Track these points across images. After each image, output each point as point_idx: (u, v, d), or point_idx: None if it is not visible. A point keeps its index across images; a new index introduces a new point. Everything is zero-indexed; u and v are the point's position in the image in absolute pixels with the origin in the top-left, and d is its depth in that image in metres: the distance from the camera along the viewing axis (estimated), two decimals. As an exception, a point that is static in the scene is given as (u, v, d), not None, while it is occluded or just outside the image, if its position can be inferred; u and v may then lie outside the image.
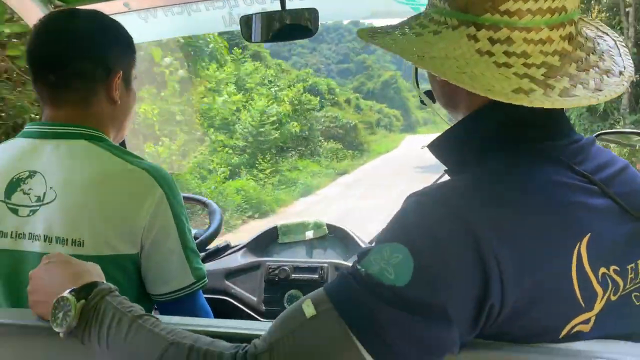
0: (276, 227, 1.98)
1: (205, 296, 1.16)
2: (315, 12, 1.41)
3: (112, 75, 1.12)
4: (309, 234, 1.93)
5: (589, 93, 0.69)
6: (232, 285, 1.80)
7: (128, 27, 1.18)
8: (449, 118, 0.88)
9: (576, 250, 0.67)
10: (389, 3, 1.64)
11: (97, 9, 1.18)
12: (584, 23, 0.80)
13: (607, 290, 0.69)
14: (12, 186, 1.04)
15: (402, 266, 0.63)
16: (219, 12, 1.67)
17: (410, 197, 0.70)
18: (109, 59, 1.12)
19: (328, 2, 1.59)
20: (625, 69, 0.75)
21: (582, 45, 0.73)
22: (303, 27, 1.43)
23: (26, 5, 1.47)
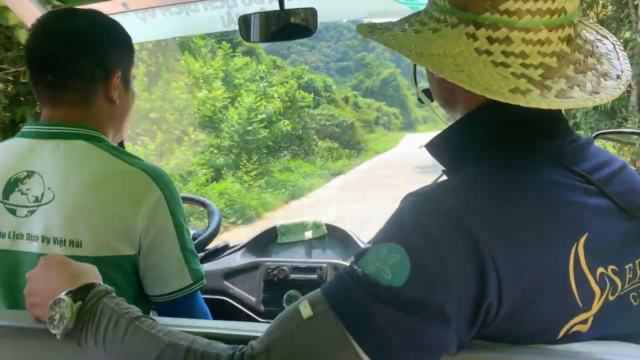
0: (275, 227, 1.98)
1: (204, 296, 1.16)
2: (314, 12, 1.41)
3: (110, 75, 1.11)
4: (308, 234, 1.93)
5: (585, 95, 0.69)
6: (231, 286, 1.80)
7: (126, 27, 1.18)
8: (447, 117, 0.88)
9: (573, 250, 0.66)
10: (387, 2, 1.64)
11: (95, 8, 1.18)
12: (583, 26, 0.80)
13: (605, 290, 0.69)
14: (10, 186, 1.03)
15: (399, 266, 0.62)
16: (218, 12, 1.68)
17: (407, 197, 0.70)
18: (107, 58, 1.11)
19: (327, 2, 1.59)
20: (623, 73, 0.75)
21: (580, 48, 0.73)
22: (302, 26, 1.43)
23: (24, 5, 1.46)
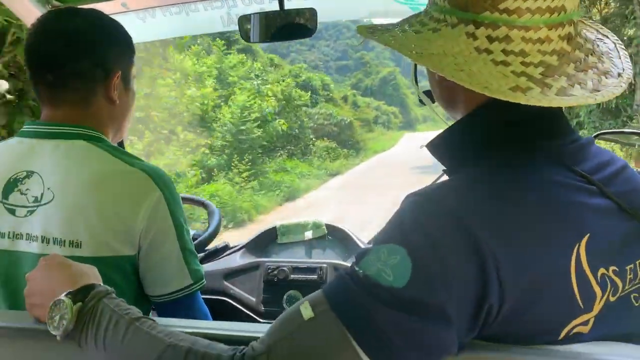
0: (275, 227, 1.98)
1: (204, 297, 1.16)
2: (314, 12, 1.41)
3: (110, 75, 1.11)
4: (308, 235, 1.93)
5: (586, 93, 0.69)
6: (231, 286, 1.80)
7: (126, 27, 1.17)
8: (448, 117, 0.88)
9: (575, 250, 0.66)
10: (387, 2, 1.64)
11: (94, 8, 1.18)
12: (584, 25, 0.80)
13: (606, 291, 0.69)
14: (10, 186, 1.03)
15: (400, 267, 0.62)
16: (218, 12, 1.67)
17: (408, 197, 0.70)
18: (107, 58, 1.11)
19: (326, 2, 1.59)
20: (624, 71, 0.74)
21: (581, 46, 0.73)
22: (302, 26, 1.43)
23: (24, 4, 1.46)
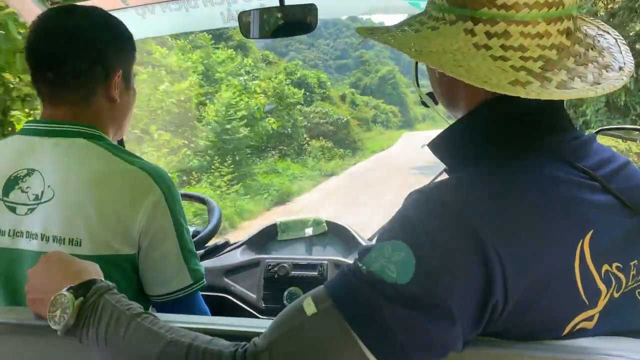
0: (275, 224, 1.98)
1: (204, 294, 1.15)
2: (314, 8, 1.41)
3: (111, 73, 1.10)
4: (309, 231, 1.93)
5: (587, 86, 0.69)
6: (231, 283, 1.80)
7: (125, 24, 1.17)
8: (449, 117, 0.88)
9: (579, 246, 0.66)
10: (387, -2, 1.64)
11: (93, 5, 1.17)
12: (584, 22, 0.80)
13: (610, 287, 0.69)
14: (10, 184, 1.03)
15: (404, 264, 0.62)
16: (217, 8, 1.67)
17: (411, 194, 0.70)
18: (108, 57, 1.10)
19: (326, -2, 1.59)
20: (625, 65, 0.74)
21: (580, 41, 0.73)
22: (302, 23, 1.43)
23: (24, 3, 1.45)
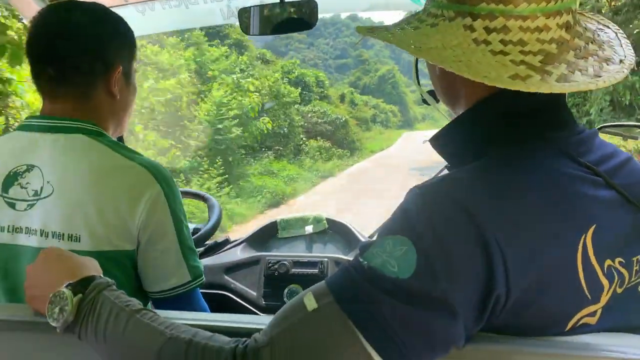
0: (276, 221, 1.98)
1: (204, 291, 1.15)
2: (314, 4, 1.41)
3: (111, 69, 1.10)
4: (309, 229, 1.93)
5: (587, 79, 0.68)
6: (231, 280, 1.80)
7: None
8: (451, 115, 0.88)
9: (582, 241, 0.66)
10: (388, -5, 1.63)
11: (95, 1, 1.16)
12: (584, 17, 0.80)
13: (613, 282, 0.68)
14: (10, 180, 1.02)
15: (405, 258, 0.62)
16: (217, 4, 1.66)
17: (412, 189, 0.70)
18: (108, 52, 1.10)
19: (326, -6, 1.58)
20: (625, 57, 0.74)
21: (580, 35, 0.73)
22: (302, 19, 1.43)
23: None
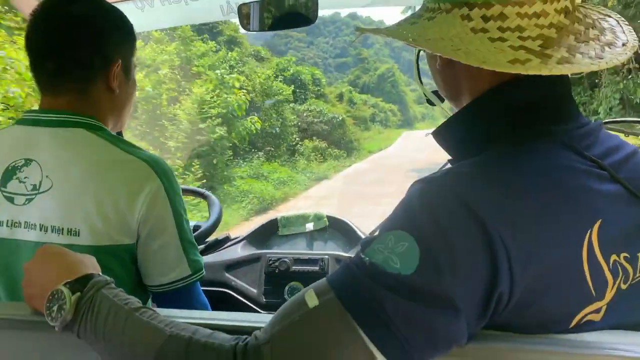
0: (276, 219, 1.98)
1: (205, 288, 1.15)
2: (314, 0, 1.40)
3: (111, 64, 1.09)
4: (309, 226, 1.93)
5: (589, 60, 0.68)
6: (232, 278, 1.80)
7: None
8: (453, 111, 0.87)
9: (587, 236, 0.65)
10: (388, -9, 1.62)
11: None
12: (584, 8, 0.79)
13: (618, 278, 0.67)
14: (8, 174, 1.02)
15: (408, 254, 0.61)
16: (217, 0, 1.65)
17: (415, 184, 0.69)
18: (108, 47, 1.09)
19: (327, -10, 1.57)
20: (628, 41, 0.73)
21: (580, 20, 0.72)
22: (302, 15, 1.42)
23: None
